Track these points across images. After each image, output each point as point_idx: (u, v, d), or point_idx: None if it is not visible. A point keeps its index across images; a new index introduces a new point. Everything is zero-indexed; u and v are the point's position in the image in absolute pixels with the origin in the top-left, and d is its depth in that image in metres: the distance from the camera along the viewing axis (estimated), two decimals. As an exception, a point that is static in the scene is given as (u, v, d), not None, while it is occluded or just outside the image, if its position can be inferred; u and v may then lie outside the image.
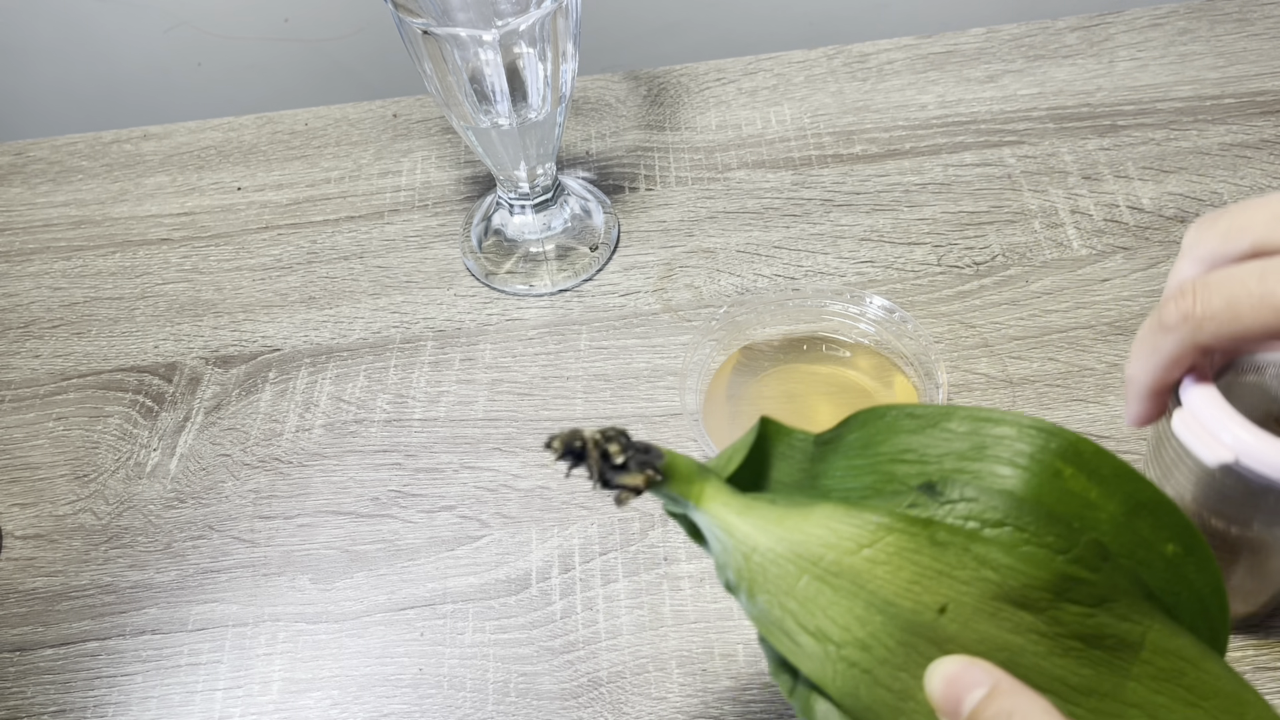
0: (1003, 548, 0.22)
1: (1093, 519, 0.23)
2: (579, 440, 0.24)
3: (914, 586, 0.23)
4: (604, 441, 0.24)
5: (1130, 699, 0.23)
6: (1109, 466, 0.24)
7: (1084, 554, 0.23)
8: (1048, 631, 0.23)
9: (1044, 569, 0.22)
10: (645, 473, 0.24)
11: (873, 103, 0.60)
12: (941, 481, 0.24)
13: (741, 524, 0.24)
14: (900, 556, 0.23)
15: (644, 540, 0.43)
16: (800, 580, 0.23)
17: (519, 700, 0.39)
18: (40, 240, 0.59)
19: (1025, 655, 0.22)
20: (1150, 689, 0.23)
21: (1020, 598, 0.22)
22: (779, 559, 0.23)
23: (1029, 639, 0.22)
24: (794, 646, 0.23)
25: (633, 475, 0.24)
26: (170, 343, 0.53)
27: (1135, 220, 0.53)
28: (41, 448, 0.49)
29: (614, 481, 0.24)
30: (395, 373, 0.50)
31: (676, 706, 0.39)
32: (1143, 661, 0.23)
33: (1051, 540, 0.22)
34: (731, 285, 0.52)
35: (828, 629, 0.23)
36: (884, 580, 0.23)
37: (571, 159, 0.60)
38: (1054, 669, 0.23)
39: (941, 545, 0.23)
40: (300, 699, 0.40)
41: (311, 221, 0.58)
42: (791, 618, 0.23)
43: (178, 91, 0.78)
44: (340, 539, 0.45)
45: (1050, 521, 0.23)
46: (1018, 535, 0.22)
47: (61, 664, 0.42)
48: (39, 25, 0.73)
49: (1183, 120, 0.57)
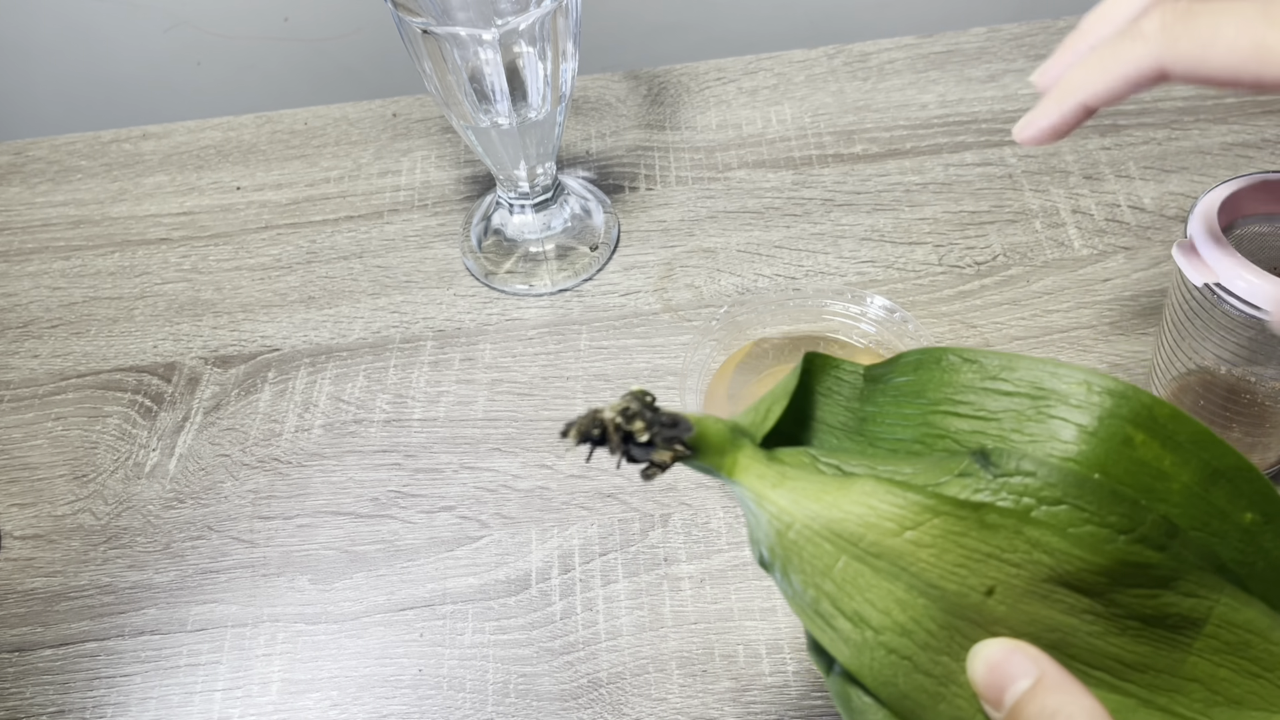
0: (1059, 529, 0.21)
1: (1163, 490, 0.22)
2: (598, 425, 0.22)
3: (960, 569, 0.21)
4: (626, 422, 0.22)
5: (1189, 673, 0.22)
6: (1186, 432, 0.22)
7: (1149, 533, 0.21)
8: (1105, 612, 0.21)
9: (1102, 553, 0.21)
10: (674, 448, 0.22)
11: (874, 102, 0.60)
12: (997, 450, 0.22)
13: (776, 497, 0.23)
14: (946, 539, 0.21)
15: (644, 541, 0.43)
16: (838, 561, 0.22)
17: (518, 701, 0.39)
18: (39, 240, 0.59)
19: (1079, 635, 0.21)
20: (1212, 662, 0.22)
21: (1076, 582, 0.21)
22: (815, 537, 0.22)
23: (1083, 620, 0.21)
24: (829, 630, 0.22)
25: (660, 452, 0.22)
26: (169, 343, 0.53)
27: (1137, 220, 0.53)
28: (40, 448, 0.49)
29: (640, 458, 0.22)
30: (395, 373, 0.50)
31: (676, 708, 0.39)
32: (1206, 636, 0.22)
33: (1114, 520, 0.21)
34: (732, 285, 0.52)
35: (866, 613, 0.22)
36: (928, 563, 0.21)
37: (571, 158, 0.60)
38: (1108, 648, 0.21)
39: (991, 528, 0.21)
40: (299, 700, 0.40)
41: (311, 221, 0.58)
42: (828, 600, 0.22)
43: (177, 91, 0.78)
44: (340, 539, 0.44)
45: (1114, 499, 0.21)
46: (1076, 514, 0.21)
47: (60, 665, 0.42)
48: (38, 24, 0.73)
49: (1184, 120, 0.57)
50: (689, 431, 0.23)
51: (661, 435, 0.22)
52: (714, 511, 0.44)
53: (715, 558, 0.42)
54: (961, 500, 0.21)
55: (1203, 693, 0.22)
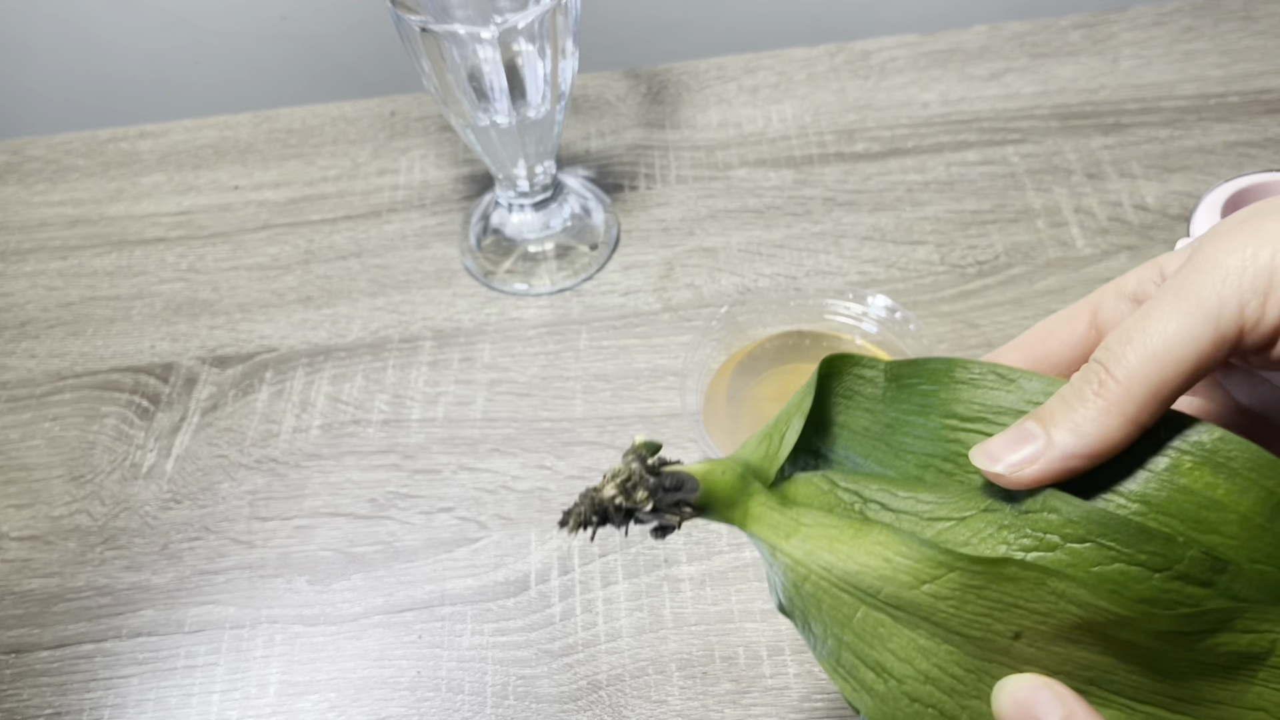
0: (1084, 571, 0.20)
1: (1216, 521, 0.20)
2: (597, 508, 0.22)
3: (983, 618, 0.20)
4: (627, 498, 0.22)
5: (1251, 703, 0.20)
6: (1243, 457, 0.20)
7: (1189, 570, 0.19)
8: (1145, 650, 0.20)
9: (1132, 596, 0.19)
10: (681, 512, 0.22)
11: (875, 100, 0.60)
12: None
13: (790, 549, 0.22)
14: (966, 592, 0.20)
15: (644, 542, 0.43)
16: (857, 611, 0.21)
17: (518, 703, 0.39)
18: (36, 239, 0.58)
19: (1116, 672, 0.20)
20: (1276, 690, 0.20)
21: (1108, 632, 0.20)
22: (832, 588, 0.21)
23: (1120, 656, 0.20)
24: (852, 682, 0.21)
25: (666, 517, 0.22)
26: (167, 343, 0.52)
27: (1140, 219, 0.52)
28: (37, 448, 0.49)
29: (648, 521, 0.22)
30: (393, 373, 0.50)
31: (676, 710, 0.38)
32: (1272, 666, 0.20)
33: (1145, 558, 0.20)
34: (732, 284, 0.52)
35: (888, 663, 0.21)
36: (949, 613, 0.20)
37: (571, 157, 0.59)
38: (1154, 683, 0.20)
39: (1012, 580, 0.20)
40: (297, 702, 0.40)
41: (309, 220, 0.58)
42: (849, 650, 0.21)
43: (174, 89, 0.77)
44: (338, 540, 0.44)
45: (1144, 536, 0.20)
46: (1102, 553, 0.20)
47: (57, 666, 0.42)
48: (35, 22, 0.73)
49: (1187, 118, 0.57)
50: (695, 492, 0.22)
51: (666, 501, 0.22)
52: (714, 512, 0.44)
53: (715, 559, 0.42)
54: (977, 557, 0.20)
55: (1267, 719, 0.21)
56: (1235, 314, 0.20)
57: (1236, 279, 0.20)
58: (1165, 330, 0.20)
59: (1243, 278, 0.20)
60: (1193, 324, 0.20)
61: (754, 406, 0.45)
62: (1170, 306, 0.20)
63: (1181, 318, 0.20)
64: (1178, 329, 0.20)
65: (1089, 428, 0.21)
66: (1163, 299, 0.21)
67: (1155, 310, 0.21)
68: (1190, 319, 0.20)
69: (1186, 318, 0.20)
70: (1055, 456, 0.21)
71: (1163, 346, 0.20)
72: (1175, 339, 0.20)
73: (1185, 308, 0.20)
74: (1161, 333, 0.20)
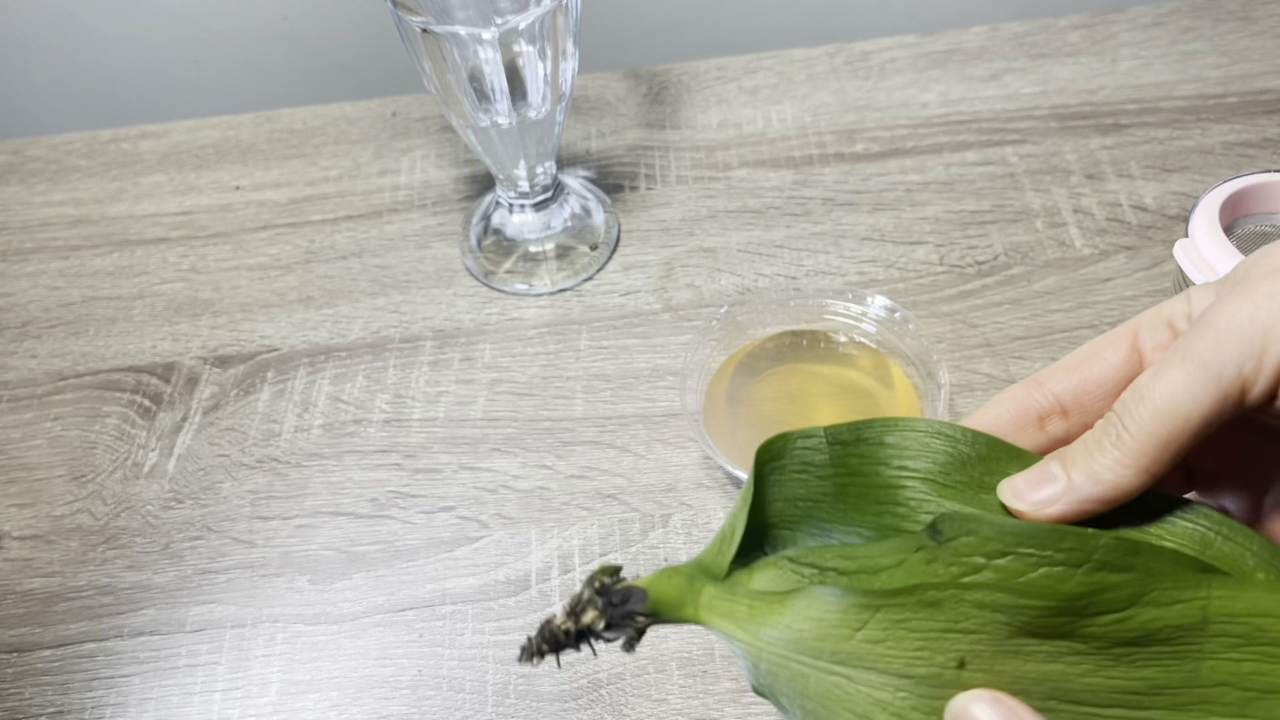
0: (1002, 587, 0.21)
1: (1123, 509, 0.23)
2: (549, 641, 0.23)
3: (923, 652, 0.21)
4: (576, 622, 0.23)
5: (1210, 679, 0.21)
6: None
7: (1108, 558, 0.21)
8: (1086, 649, 0.21)
9: (1055, 593, 0.21)
10: (634, 623, 0.23)
11: (874, 101, 0.60)
12: (943, 518, 0.22)
13: (741, 634, 0.23)
14: (897, 628, 0.21)
15: (644, 541, 0.43)
16: (811, 678, 0.22)
17: (518, 702, 0.39)
18: (37, 239, 0.58)
19: (1070, 679, 0.21)
20: (1231, 660, 0.21)
21: (1040, 628, 0.21)
22: (784, 660, 0.22)
23: (1067, 663, 0.21)
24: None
25: (623, 631, 0.23)
26: (168, 342, 0.53)
27: (1138, 219, 0.53)
28: (39, 448, 0.49)
29: (612, 639, 0.23)
30: (394, 373, 0.50)
31: (676, 708, 0.39)
32: (1213, 636, 0.21)
33: (1064, 556, 0.21)
34: (732, 285, 0.52)
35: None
36: (891, 656, 0.21)
37: (571, 158, 0.59)
38: (1108, 681, 0.21)
39: (934, 604, 0.21)
40: (299, 700, 0.40)
41: (310, 220, 0.58)
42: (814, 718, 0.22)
43: (175, 89, 0.78)
44: (339, 540, 0.44)
45: (1057, 536, 0.21)
46: (1022, 563, 0.21)
47: (59, 665, 0.42)
48: (36, 22, 0.73)
49: (1186, 119, 0.57)
50: (643, 601, 0.23)
51: (616, 616, 0.23)
52: (714, 512, 0.44)
53: (716, 558, 0.42)
54: (892, 589, 0.22)
55: (1234, 694, 0.21)
56: (1235, 375, 0.22)
57: (1235, 341, 0.22)
58: (1173, 391, 0.22)
59: (1240, 340, 0.22)
60: (1197, 385, 0.22)
61: (754, 406, 0.45)
62: (1178, 369, 0.22)
63: (1187, 379, 0.22)
64: (1184, 390, 0.22)
65: (1106, 475, 0.23)
66: (1172, 359, 0.23)
67: (1165, 371, 0.23)
68: (1195, 380, 0.22)
69: (1191, 379, 0.22)
70: (1074, 499, 0.23)
71: (1170, 406, 0.22)
72: (1182, 399, 0.22)
73: (1190, 370, 0.22)
74: (1169, 393, 0.22)
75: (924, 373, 0.44)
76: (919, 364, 0.45)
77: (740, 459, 0.43)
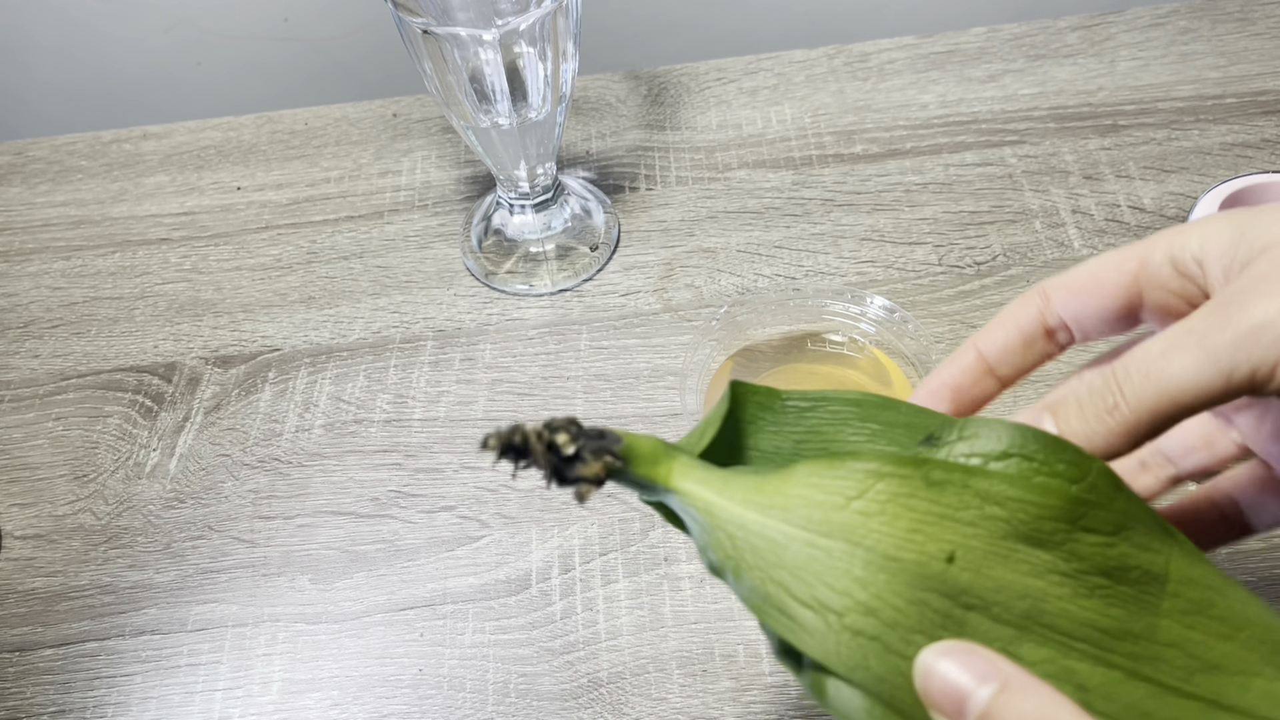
0: (1008, 480, 0.21)
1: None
2: (519, 435, 0.21)
3: (915, 535, 0.21)
4: (549, 433, 0.22)
5: (1165, 638, 0.21)
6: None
7: (1097, 481, 0.21)
8: (1069, 570, 0.21)
9: (1055, 496, 0.21)
10: (603, 459, 0.22)
11: (874, 102, 0.60)
12: (941, 427, 0.22)
13: (718, 500, 0.22)
14: (894, 503, 0.21)
15: (644, 540, 0.43)
16: (789, 549, 0.21)
17: (519, 701, 0.39)
18: (40, 240, 0.59)
19: (1049, 600, 0.21)
20: (1183, 624, 0.22)
21: (1032, 533, 0.21)
22: (764, 529, 0.22)
23: (1050, 581, 0.21)
24: (791, 624, 0.21)
25: (589, 465, 0.22)
26: (170, 343, 0.53)
27: (1137, 220, 0.53)
28: (41, 448, 0.49)
29: (569, 475, 0.22)
30: (395, 373, 0.50)
31: (677, 707, 0.39)
32: (1170, 595, 0.22)
33: (1063, 469, 0.21)
34: (732, 285, 0.52)
35: (825, 598, 0.21)
36: (881, 533, 0.21)
37: (572, 159, 0.60)
38: (1082, 612, 0.21)
39: (938, 485, 0.21)
40: (300, 699, 0.40)
41: (311, 221, 0.58)
42: (785, 591, 0.21)
43: (177, 91, 0.78)
44: (340, 539, 0.44)
45: (1059, 447, 0.21)
46: (1025, 465, 0.21)
47: (61, 664, 0.42)
48: (38, 24, 0.73)
49: (1184, 120, 0.57)
50: (617, 443, 0.22)
51: (589, 447, 0.22)
52: (714, 511, 0.44)
53: (715, 557, 0.42)
54: (903, 457, 0.21)
55: (1182, 659, 0.21)
56: (1247, 374, 0.22)
57: (1256, 345, 0.22)
58: (1182, 379, 0.22)
59: (1262, 345, 0.22)
60: (1207, 377, 0.22)
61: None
62: (1190, 356, 0.22)
63: (1199, 369, 0.22)
64: (1194, 379, 0.22)
65: (1098, 441, 0.23)
66: (1186, 344, 0.23)
67: (1176, 356, 0.23)
68: (1206, 372, 0.22)
69: (1203, 369, 0.22)
70: None
71: (1176, 387, 0.22)
72: (1189, 386, 0.22)
73: (1204, 360, 0.22)
74: (1178, 379, 0.22)
75: (923, 373, 0.45)
76: (918, 364, 0.45)
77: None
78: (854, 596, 0.21)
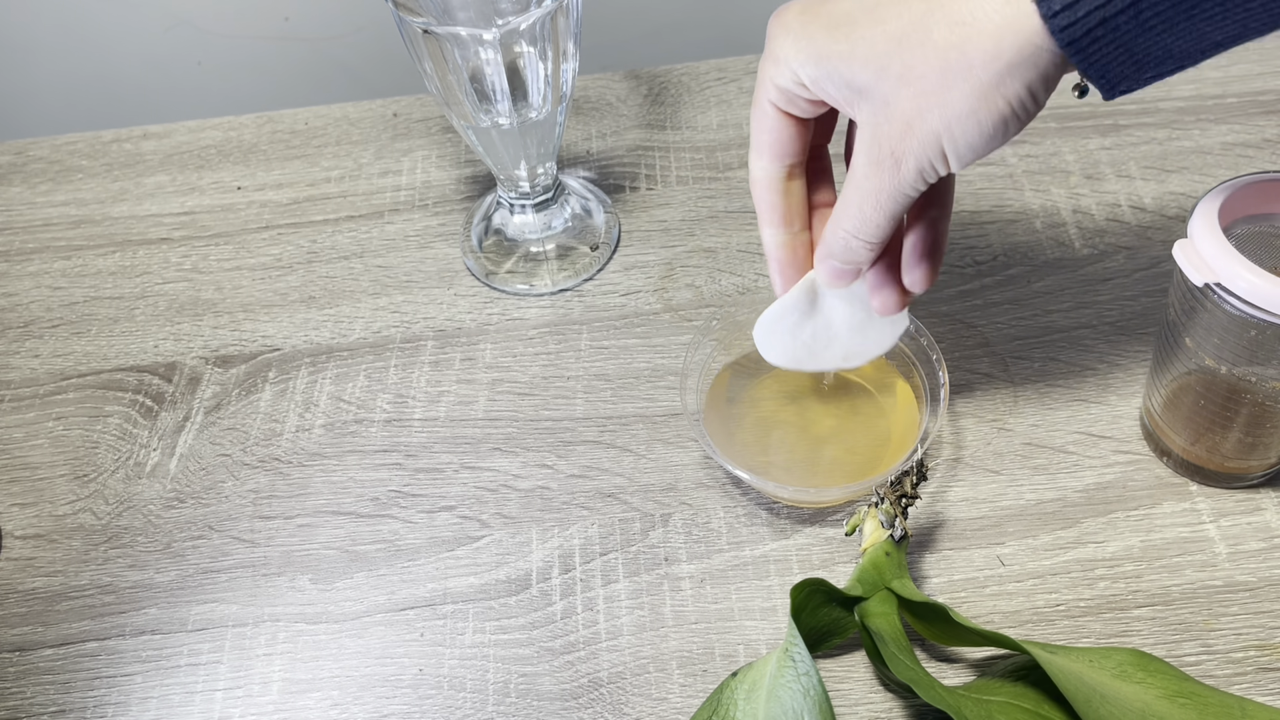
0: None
1: None
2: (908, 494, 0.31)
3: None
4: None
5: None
6: None
7: None
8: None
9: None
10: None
11: (874, 102, 0.60)
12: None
13: None
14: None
15: (644, 540, 0.43)
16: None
17: (519, 701, 0.39)
18: (40, 239, 0.59)
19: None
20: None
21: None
22: None
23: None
24: None
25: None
26: (170, 342, 0.53)
27: (1137, 219, 0.53)
28: (41, 447, 0.49)
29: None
30: (395, 372, 0.50)
31: (677, 707, 0.39)
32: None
33: None
34: (732, 285, 0.52)
35: None
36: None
37: (572, 158, 0.60)
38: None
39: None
40: (300, 699, 0.40)
41: (311, 221, 0.58)
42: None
43: (178, 90, 0.78)
44: (340, 539, 0.44)
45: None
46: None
47: (61, 664, 0.42)
48: (39, 24, 0.73)
49: (1184, 120, 0.57)
50: None
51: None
52: (714, 511, 0.44)
53: (715, 557, 0.42)
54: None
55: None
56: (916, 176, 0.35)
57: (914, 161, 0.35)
58: (880, 221, 0.37)
59: (914, 150, 0.34)
60: (895, 206, 0.36)
61: (754, 406, 0.46)
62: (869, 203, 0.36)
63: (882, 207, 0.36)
64: (887, 216, 0.36)
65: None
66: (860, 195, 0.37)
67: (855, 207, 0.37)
68: (894, 204, 0.36)
69: (893, 206, 0.36)
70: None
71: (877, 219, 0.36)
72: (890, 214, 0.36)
73: (889, 204, 0.36)
74: (876, 223, 0.37)
75: (923, 373, 0.45)
76: (918, 364, 0.45)
77: (740, 459, 0.43)
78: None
